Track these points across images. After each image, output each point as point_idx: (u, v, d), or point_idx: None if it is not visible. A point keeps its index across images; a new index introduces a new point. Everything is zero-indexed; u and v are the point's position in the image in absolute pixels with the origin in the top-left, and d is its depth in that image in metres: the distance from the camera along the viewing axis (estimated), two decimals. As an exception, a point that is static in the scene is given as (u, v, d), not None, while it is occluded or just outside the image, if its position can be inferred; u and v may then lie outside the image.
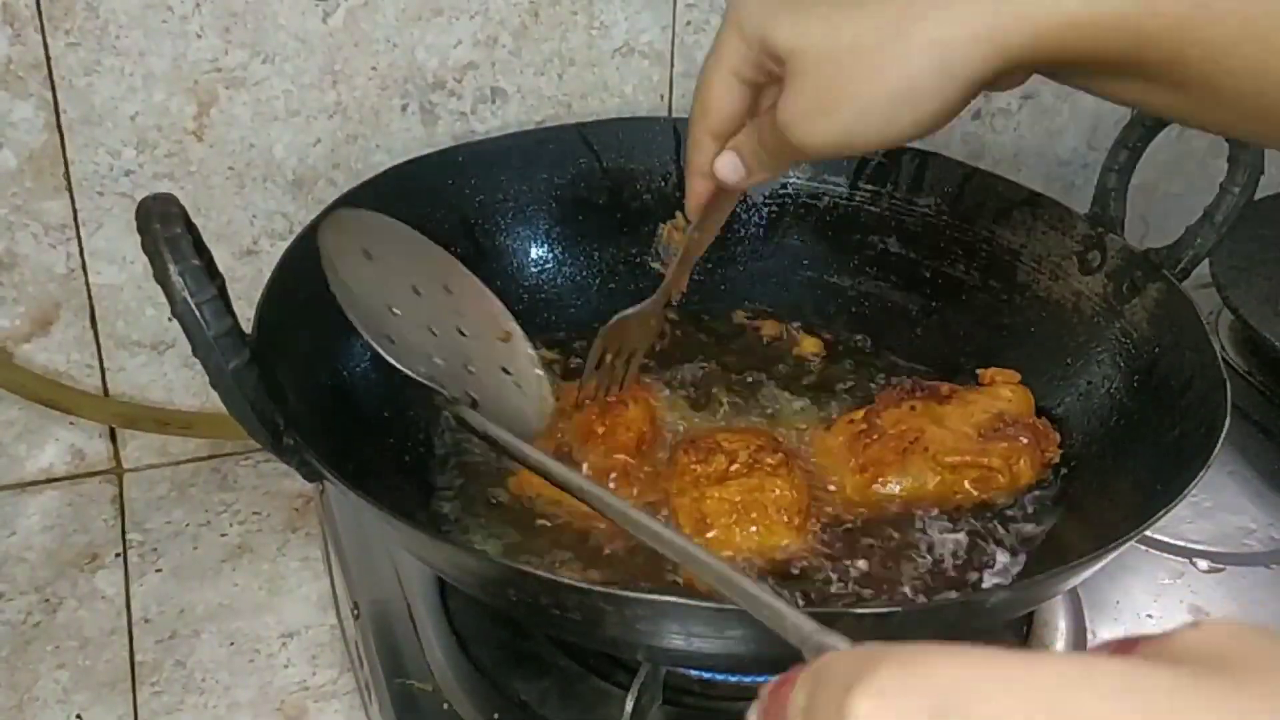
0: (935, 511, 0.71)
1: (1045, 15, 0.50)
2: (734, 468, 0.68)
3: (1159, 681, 0.30)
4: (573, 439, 0.72)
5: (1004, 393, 0.75)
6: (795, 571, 0.66)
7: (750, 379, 0.81)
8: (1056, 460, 0.73)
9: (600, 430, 0.72)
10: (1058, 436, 0.74)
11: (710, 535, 0.66)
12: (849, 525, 0.70)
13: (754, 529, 0.67)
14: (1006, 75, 0.52)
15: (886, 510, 0.71)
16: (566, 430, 0.73)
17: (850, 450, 0.73)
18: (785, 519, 0.67)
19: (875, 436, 0.72)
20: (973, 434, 0.72)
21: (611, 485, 0.69)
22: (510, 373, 0.68)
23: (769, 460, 0.69)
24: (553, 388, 0.71)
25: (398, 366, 0.61)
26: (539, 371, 0.70)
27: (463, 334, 0.67)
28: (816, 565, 0.67)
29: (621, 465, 0.71)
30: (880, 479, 0.71)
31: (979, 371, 0.78)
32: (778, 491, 0.67)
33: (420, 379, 0.62)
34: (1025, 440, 0.72)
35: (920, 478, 0.71)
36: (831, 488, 0.72)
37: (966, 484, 0.71)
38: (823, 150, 0.56)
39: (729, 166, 0.61)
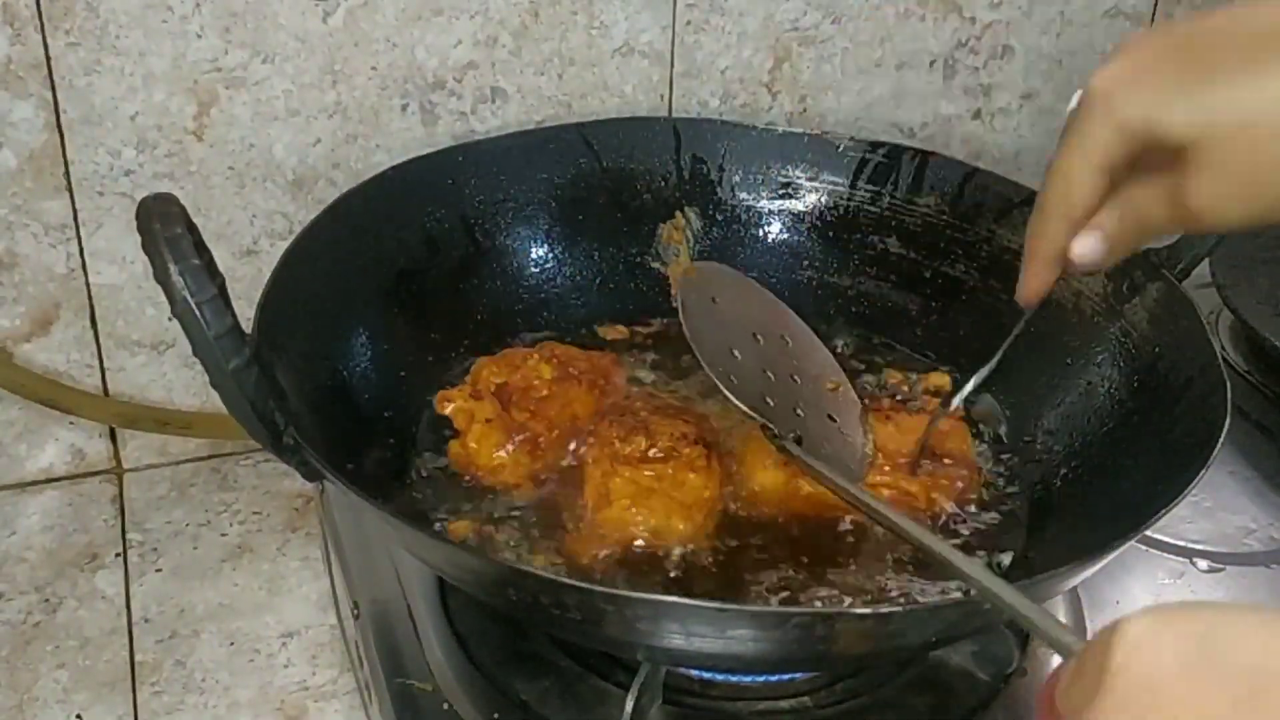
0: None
1: None
2: (651, 452, 0.69)
3: None
4: (515, 378, 0.73)
5: (941, 425, 0.74)
6: (684, 560, 0.66)
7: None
8: (974, 500, 0.72)
9: (545, 393, 0.72)
10: (981, 479, 0.73)
11: (606, 511, 0.67)
12: (761, 522, 0.69)
13: (650, 516, 0.67)
14: None
15: (804, 510, 0.70)
16: (504, 370, 0.73)
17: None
18: (685, 512, 0.67)
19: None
20: (900, 456, 0.72)
21: (509, 449, 0.70)
22: (835, 420, 0.72)
23: (688, 451, 0.69)
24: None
25: (734, 401, 0.66)
26: (863, 423, 0.72)
27: (795, 380, 0.72)
28: (713, 561, 0.66)
29: (533, 436, 0.71)
30: (798, 477, 0.70)
31: (926, 397, 0.78)
32: (686, 484, 0.67)
33: (753, 415, 0.66)
34: (949, 475, 0.72)
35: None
36: (755, 485, 0.71)
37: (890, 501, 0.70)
38: (1234, 227, 0.53)
39: (1091, 248, 0.57)
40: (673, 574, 0.65)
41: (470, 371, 0.75)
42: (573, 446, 0.72)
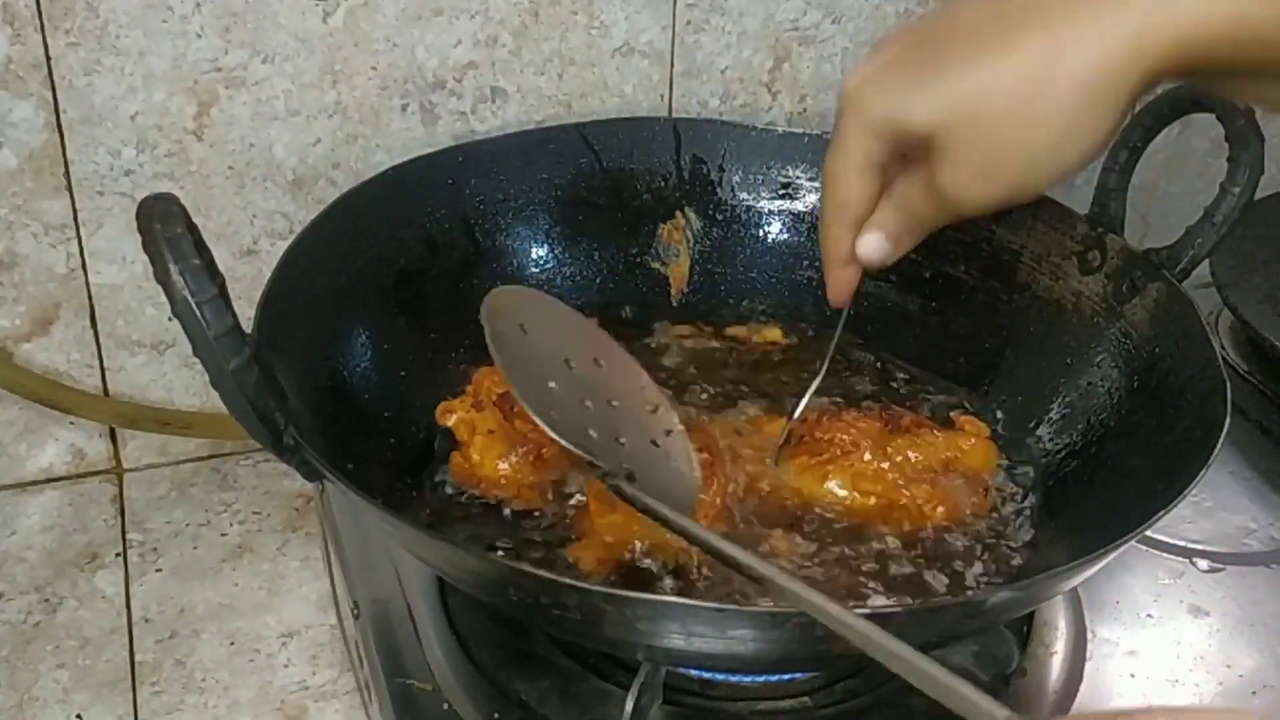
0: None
1: (1189, 25, 0.49)
2: None
3: None
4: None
5: (962, 442, 0.74)
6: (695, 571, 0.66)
7: (731, 377, 0.81)
8: (978, 521, 0.72)
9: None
10: (991, 503, 0.73)
11: (610, 516, 0.67)
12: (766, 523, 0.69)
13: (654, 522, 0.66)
14: (1154, 84, 0.52)
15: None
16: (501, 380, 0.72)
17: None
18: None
19: (808, 437, 0.72)
20: (904, 469, 0.72)
21: (512, 460, 0.70)
22: (659, 445, 0.68)
23: None
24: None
25: (561, 442, 0.62)
26: (686, 445, 0.68)
27: (613, 405, 0.67)
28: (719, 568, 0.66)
29: (535, 447, 0.71)
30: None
31: (952, 415, 0.78)
32: None
33: (581, 454, 0.62)
34: (954, 494, 0.71)
35: (833, 493, 0.71)
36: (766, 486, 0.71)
37: (873, 508, 0.71)
38: (992, 208, 0.56)
39: (875, 246, 0.60)
40: (672, 582, 0.65)
41: (472, 381, 0.74)
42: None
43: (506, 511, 0.69)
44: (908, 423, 0.75)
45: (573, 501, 0.70)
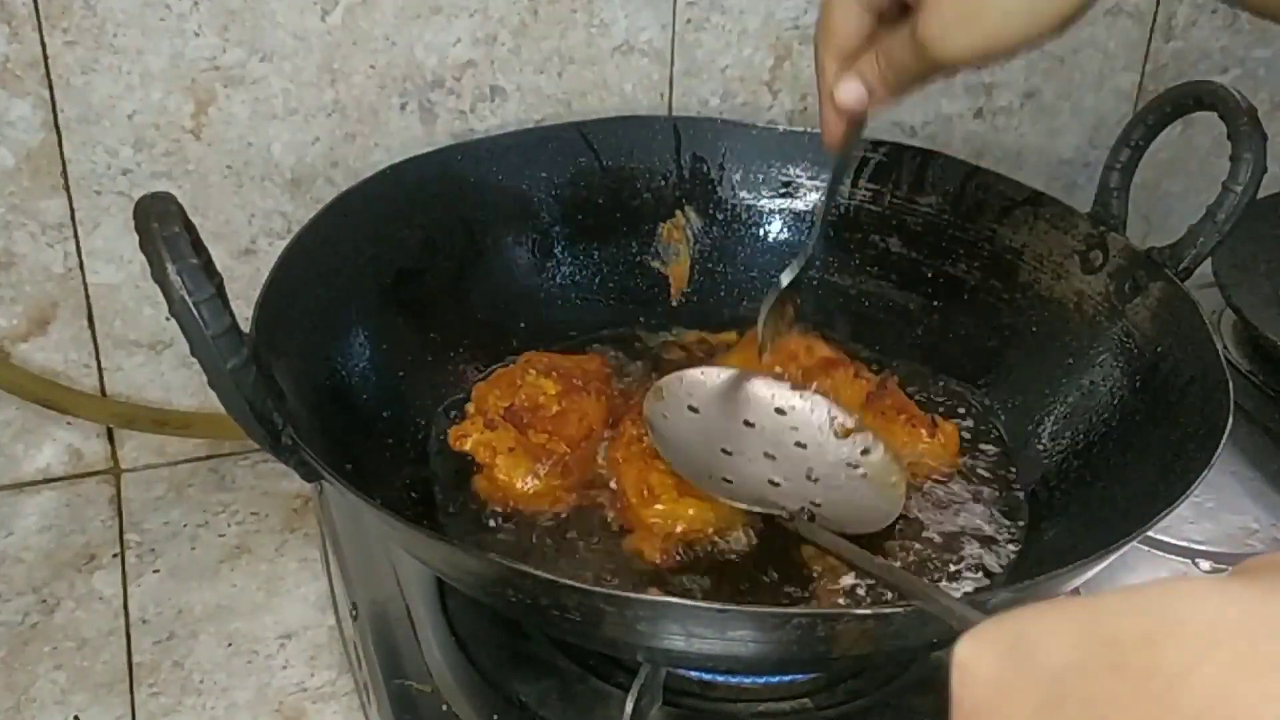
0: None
1: None
2: None
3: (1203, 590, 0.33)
4: (519, 399, 0.73)
5: (920, 444, 0.74)
6: (734, 547, 0.67)
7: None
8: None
9: (554, 410, 0.72)
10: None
11: (658, 508, 0.67)
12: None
13: (696, 501, 0.67)
14: None
15: None
16: (506, 392, 0.73)
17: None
18: None
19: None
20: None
21: (540, 474, 0.70)
22: (857, 466, 0.70)
23: None
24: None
25: (735, 505, 0.66)
26: (886, 456, 0.70)
27: (802, 446, 0.70)
28: (754, 544, 0.68)
29: (560, 457, 0.71)
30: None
31: (936, 418, 0.77)
32: None
33: (759, 509, 0.66)
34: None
35: None
36: None
37: None
38: (967, 61, 0.58)
39: (851, 92, 0.62)
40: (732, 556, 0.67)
41: (473, 400, 0.74)
42: (598, 454, 0.72)
43: (547, 521, 0.69)
44: (888, 403, 0.75)
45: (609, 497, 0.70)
